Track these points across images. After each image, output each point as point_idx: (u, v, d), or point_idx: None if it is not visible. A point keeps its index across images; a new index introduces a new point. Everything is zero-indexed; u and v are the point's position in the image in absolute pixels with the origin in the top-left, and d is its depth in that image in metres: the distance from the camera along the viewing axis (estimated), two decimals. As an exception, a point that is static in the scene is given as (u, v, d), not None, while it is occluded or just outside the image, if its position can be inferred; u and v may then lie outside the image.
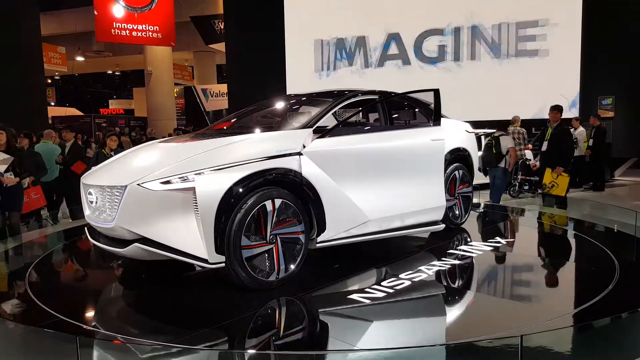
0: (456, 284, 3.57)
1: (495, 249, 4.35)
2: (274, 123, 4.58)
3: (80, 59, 25.02)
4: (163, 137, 7.46)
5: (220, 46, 19.11)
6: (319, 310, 3.08)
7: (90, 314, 3.20)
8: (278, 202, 3.26)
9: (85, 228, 3.77)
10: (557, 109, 6.76)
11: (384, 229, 3.96)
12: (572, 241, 5.07)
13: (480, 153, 6.77)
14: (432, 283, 3.49)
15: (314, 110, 3.97)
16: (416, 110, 4.89)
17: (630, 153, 11.68)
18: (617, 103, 11.44)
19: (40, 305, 3.17)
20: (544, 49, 11.84)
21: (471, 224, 5.31)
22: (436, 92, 4.39)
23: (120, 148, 6.42)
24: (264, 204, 3.19)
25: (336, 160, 3.65)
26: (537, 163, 7.76)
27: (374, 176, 3.90)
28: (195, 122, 18.68)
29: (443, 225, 4.47)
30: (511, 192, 8.89)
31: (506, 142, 6.95)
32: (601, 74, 11.49)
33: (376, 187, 3.89)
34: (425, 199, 4.24)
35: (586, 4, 11.51)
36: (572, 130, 9.22)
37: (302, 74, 14.33)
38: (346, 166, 3.72)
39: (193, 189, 2.99)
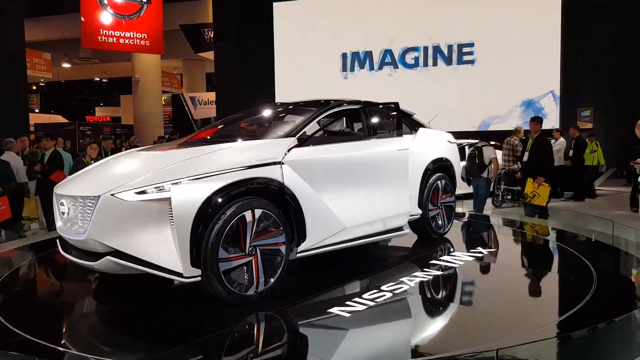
0: (438, 296, 3.55)
1: (478, 259, 4.35)
2: (257, 131, 4.56)
3: (66, 65, 24.79)
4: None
5: (210, 54, 19.09)
6: (299, 325, 3.02)
7: (58, 331, 3.06)
8: (258, 212, 3.21)
9: (57, 240, 3.66)
10: (537, 120, 6.90)
11: (358, 236, 3.96)
12: (552, 251, 5.10)
13: (463, 163, 6.81)
14: (413, 295, 3.46)
15: (298, 119, 3.95)
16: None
17: (609, 163, 11.85)
18: (595, 115, 11.63)
19: (3, 322, 2.99)
20: (524, 63, 12.15)
21: (454, 233, 5.31)
22: (396, 106, 4.45)
23: (101, 156, 6.33)
24: (244, 215, 3.13)
25: (315, 169, 3.64)
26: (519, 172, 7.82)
27: (349, 184, 3.91)
28: (182, 130, 18.57)
29: (408, 231, 4.47)
30: (494, 202, 8.94)
31: (488, 153, 7.02)
32: (580, 87, 11.70)
33: (351, 195, 3.89)
34: (393, 206, 4.26)
35: (565, 20, 11.75)
36: (552, 141, 9.35)
37: (291, 82, 14.37)
38: (325, 175, 3.71)
39: (169, 200, 2.93)
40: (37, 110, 27.88)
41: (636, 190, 7.93)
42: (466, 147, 8.49)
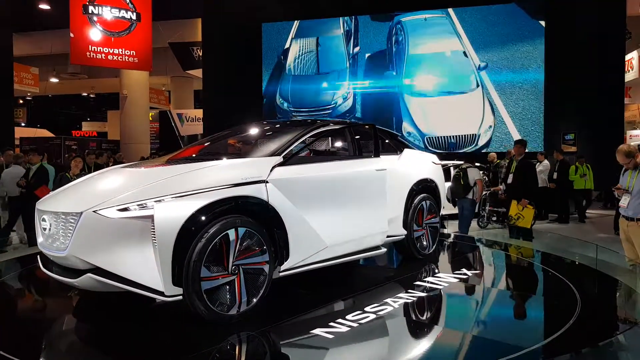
0: (422, 317, 3.53)
1: (462, 280, 4.35)
2: (243, 150, 4.56)
3: (54, 80, 24.67)
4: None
5: (198, 72, 19.16)
6: (281, 346, 2.98)
7: (37, 349, 2.99)
8: (242, 230, 3.19)
9: (38, 256, 3.59)
10: (521, 143, 7.03)
11: (339, 254, 3.95)
12: (536, 274, 5.12)
13: (448, 184, 6.87)
14: (397, 317, 3.44)
15: (283, 138, 3.97)
16: (386, 140, 4.96)
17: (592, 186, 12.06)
18: (578, 138, 11.88)
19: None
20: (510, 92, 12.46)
21: (439, 254, 5.32)
22: (372, 127, 4.52)
23: (84, 172, 6.25)
24: (227, 233, 3.11)
25: (299, 188, 3.64)
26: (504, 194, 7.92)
27: (331, 203, 3.92)
28: (168, 146, 18.48)
29: (385, 249, 4.46)
30: (480, 223, 9.01)
31: (473, 174, 7.09)
32: (563, 111, 11.97)
33: (332, 214, 3.89)
34: (371, 225, 4.27)
35: (548, 46, 12.09)
36: (537, 164, 9.51)
37: (277, 101, 14.47)
38: (308, 194, 3.72)
39: (151, 217, 2.90)
40: (23, 124, 27.58)
41: (618, 214, 8.04)
42: (451, 168, 8.58)
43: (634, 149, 4.88)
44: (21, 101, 29.20)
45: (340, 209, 3.99)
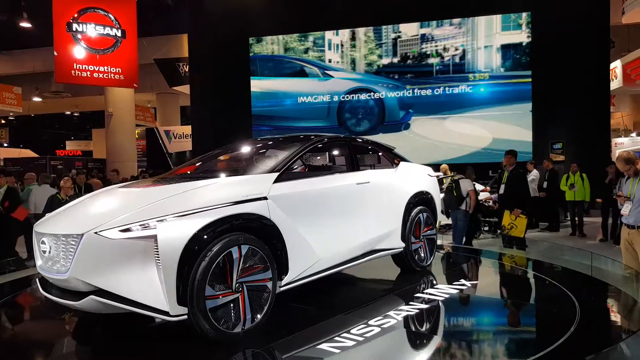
0: (425, 330, 3.54)
1: (462, 291, 4.37)
2: (239, 167, 4.55)
3: (37, 99, 24.39)
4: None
5: (185, 88, 19.13)
6: (288, 363, 2.96)
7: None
8: (245, 248, 3.18)
9: (37, 279, 3.52)
10: (511, 154, 7.13)
11: (331, 265, 3.97)
12: (533, 282, 5.17)
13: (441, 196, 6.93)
14: (401, 329, 3.45)
15: (281, 155, 3.98)
16: (379, 154, 5.00)
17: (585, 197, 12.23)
18: (566, 147, 12.11)
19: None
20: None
21: (436, 266, 5.35)
22: (346, 140, 4.66)
23: (76, 194, 6.16)
24: (230, 251, 3.09)
25: (297, 203, 3.67)
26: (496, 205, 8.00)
27: (326, 216, 3.96)
28: (156, 164, 18.34)
29: (371, 257, 4.46)
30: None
31: (465, 185, 7.16)
32: (551, 121, 12.20)
33: (325, 227, 3.93)
34: (364, 235, 4.31)
35: (534, 54, 12.36)
36: (527, 173, 9.63)
37: (267, 116, 14.51)
38: (305, 208, 3.75)
39: (154, 237, 2.87)
40: (5, 145, 27.14)
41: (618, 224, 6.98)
42: (443, 180, 8.65)
43: (634, 156, 4.86)
44: (3, 121, 28.78)
45: (333, 222, 4.02)
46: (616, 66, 15.34)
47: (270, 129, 14.25)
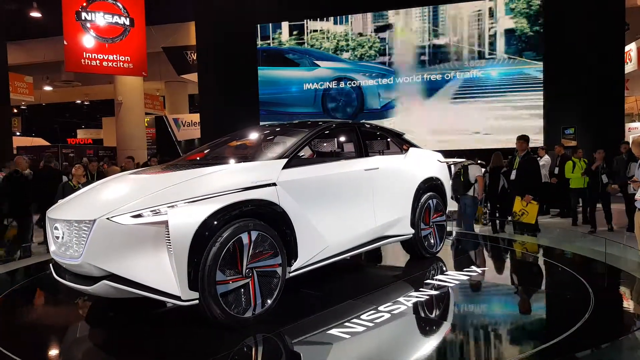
0: (436, 316, 3.53)
1: (472, 278, 4.36)
2: (248, 154, 4.55)
3: (48, 88, 24.55)
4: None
5: (193, 76, 19.11)
6: (299, 348, 2.97)
7: (52, 356, 3.01)
8: (254, 234, 3.19)
9: (50, 264, 3.57)
10: (523, 139, 7.00)
11: (339, 251, 3.98)
12: (545, 269, 5.13)
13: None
14: (411, 315, 3.45)
15: (290, 141, 3.97)
16: (388, 139, 4.95)
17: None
18: (577, 133, 11.91)
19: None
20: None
21: (445, 252, 5.33)
22: (355, 126, 4.64)
23: (88, 181, 6.22)
24: (240, 237, 3.11)
25: (305, 189, 3.67)
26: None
27: (335, 202, 3.95)
28: (165, 152, 18.42)
29: (381, 243, 4.46)
30: (482, 220, 9.02)
31: (474, 171, 7.11)
32: (563, 106, 12.00)
33: (336, 212, 3.93)
34: (368, 222, 4.28)
35: (547, 37, 12.12)
36: (538, 158, 9.48)
37: (274, 103, 14.47)
38: (313, 194, 3.75)
39: (166, 223, 2.88)
40: (18, 134, 27.43)
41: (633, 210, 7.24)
42: (452, 166, 8.58)
43: None
44: (15, 110, 29.04)
45: (341, 208, 4.01)
46: (631, 49, 14.99)
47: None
